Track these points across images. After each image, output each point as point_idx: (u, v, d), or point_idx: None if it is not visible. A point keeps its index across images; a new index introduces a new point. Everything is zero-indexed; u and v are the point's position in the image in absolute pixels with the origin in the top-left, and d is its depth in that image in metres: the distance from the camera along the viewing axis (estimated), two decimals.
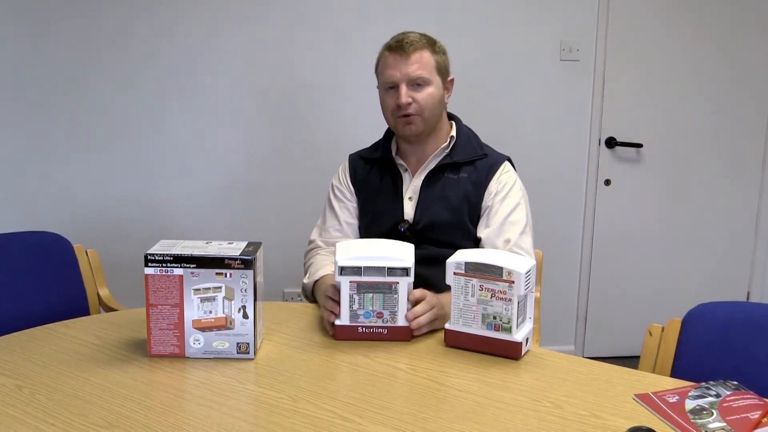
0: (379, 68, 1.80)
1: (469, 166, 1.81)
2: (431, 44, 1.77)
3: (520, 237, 1.74)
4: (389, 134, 1.91)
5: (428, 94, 1.75)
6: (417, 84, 1.74)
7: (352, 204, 1.89)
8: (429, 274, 1.64)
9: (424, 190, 1.80)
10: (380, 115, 1.94)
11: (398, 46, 1.74)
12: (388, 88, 1.77)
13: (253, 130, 2.89)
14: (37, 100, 2.73)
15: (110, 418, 1.14)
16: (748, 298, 3.30)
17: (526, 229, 1.77)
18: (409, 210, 1.81)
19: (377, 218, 1.83)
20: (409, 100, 1.73)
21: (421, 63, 1.73)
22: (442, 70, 1.79)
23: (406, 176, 1.84)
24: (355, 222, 1.88)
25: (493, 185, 1.79)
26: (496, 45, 2.95)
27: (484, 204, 1.79)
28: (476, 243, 1.78)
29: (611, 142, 3.08)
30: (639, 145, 3.10)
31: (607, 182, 3.13)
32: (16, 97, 2.72)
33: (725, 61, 3.08)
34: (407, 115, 1.75)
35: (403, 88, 1.73)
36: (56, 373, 1.31)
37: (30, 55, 2.70)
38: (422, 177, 1.81)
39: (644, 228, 3.19)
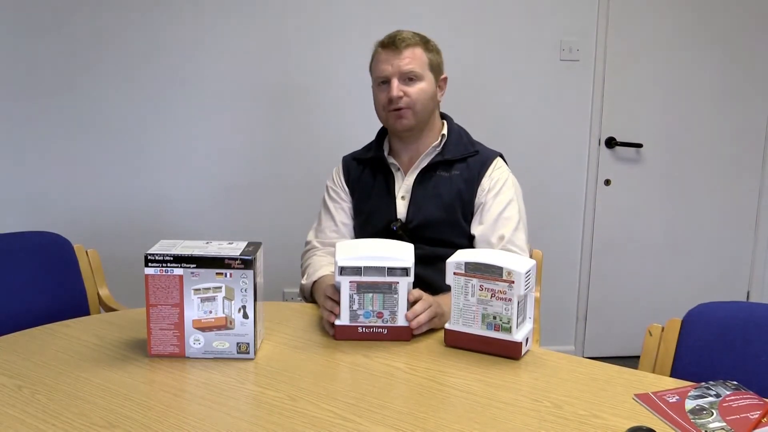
0: (372, 65, 1.82)
1: (461, 164, 1.81)
2: (424, 42, 1.79)
3: (514, 233, 1.74)
4: (381, 135, 1.91)
5: (420, 89, 1.75)
6: (409, 78, 1.75)
7: (347, 204, 1.89)
8: (425, 274, 1.65)
9: (416, 189, 1.80)
10: None
11: (390, 42, 1.75)
12: (381, 83, 1.78)
13: (253, 130, 2.89)
14: (37, 101, 2.74)
15: (110, 418, 1.14)
16: (748, 298, 3.30)
17: (520, 225, 1.77)
18: (401, 209, 1.81)
19: (371, 217, 1.84)
20: (401, 93, 1.73)
21: (413, 58, 1.75)
22: (435, 68, 1.79)
23: (398, 175, 1.85)
24: (350, 222, 1.88)
25: (486, 182, 1.79)
26: (496, 45, 2.95)
27: (477, 201, 1.79)
28: (470, 240, 1.78)
29: (611, 142, 3.08)
30: (639, 145, 3.10)
31: (607, 182, 3.13)
32: (16, 97, 2.72)
33: (725, 61, 3.08)
34: (398, 109, 1.75)
35: (395, 82, 1.74)
36: (56, 373, 1.31)
37: (30, 56, 2.70)
38: (414, 175, 1.82)
39: (644, 228, 3.19)
